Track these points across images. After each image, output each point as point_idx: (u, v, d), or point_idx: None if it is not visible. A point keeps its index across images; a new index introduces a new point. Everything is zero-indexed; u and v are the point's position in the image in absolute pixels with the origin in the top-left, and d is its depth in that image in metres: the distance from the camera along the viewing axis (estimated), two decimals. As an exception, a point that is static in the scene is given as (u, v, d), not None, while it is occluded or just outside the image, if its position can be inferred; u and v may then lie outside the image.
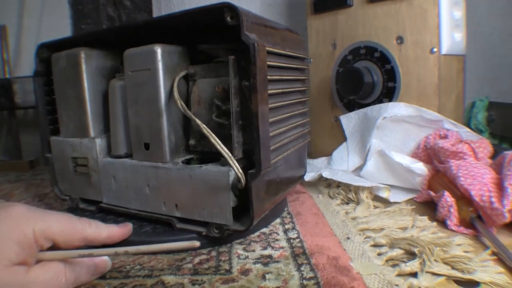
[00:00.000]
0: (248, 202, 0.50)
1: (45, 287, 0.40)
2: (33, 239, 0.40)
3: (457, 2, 0.82)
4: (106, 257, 0.47)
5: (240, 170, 0.49)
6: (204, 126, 0.51)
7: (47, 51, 0.68)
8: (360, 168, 0.79)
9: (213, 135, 0.50)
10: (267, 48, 0.51)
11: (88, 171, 0.65)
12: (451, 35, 0.80)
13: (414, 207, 0.65)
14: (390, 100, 0.82)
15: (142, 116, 0.58)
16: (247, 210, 0.51)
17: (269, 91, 0.52)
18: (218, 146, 0.50)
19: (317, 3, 0.93)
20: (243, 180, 0.49)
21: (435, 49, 0.76)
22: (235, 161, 0.49)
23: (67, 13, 1.46)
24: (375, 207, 0.66)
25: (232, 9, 0.48)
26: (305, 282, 0.43)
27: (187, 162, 0.58)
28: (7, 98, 1.20)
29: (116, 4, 1.42)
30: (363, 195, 0.68)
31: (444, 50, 0.78)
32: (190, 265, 0.49)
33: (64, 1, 1.45)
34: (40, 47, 0.68)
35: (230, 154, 0.50)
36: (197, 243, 0.41)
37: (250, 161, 0.52)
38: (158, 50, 0.55)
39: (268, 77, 0.51)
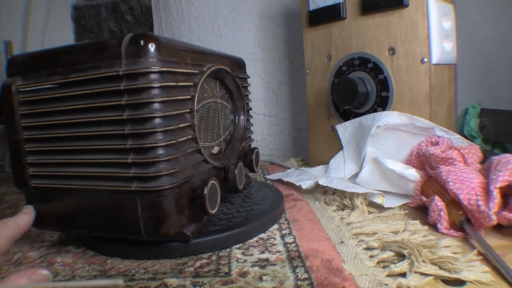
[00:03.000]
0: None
1: None
2: None
3: (446, 13, 0.85)
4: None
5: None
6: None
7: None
8: (356, 175, 0.82)
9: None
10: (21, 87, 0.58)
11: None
12: (441, 45, 0.82)
13: (407, 212, 0.68)
14: (384, 109, 0.85)
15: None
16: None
17: (29, 123, 0.58)
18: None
19: (312, 16, 0.96)
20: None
21: (425, 59, 0.79)
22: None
23: (70, 27, 1.50)
24: (370, 212, 0.69)
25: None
26: (299, 282, 0.45)
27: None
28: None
29: (118, 19, 1.45)
30: (358, 201, 0.70)
31: (434, 60, 0.80)
32: (191, 269, 0.51)
33: (67, 16, 1.49)
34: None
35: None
36: (120, 282, 0.42)
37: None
38: None
39: (25, 112, 0.58)
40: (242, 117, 0.77)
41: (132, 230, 0.54)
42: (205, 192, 0.55)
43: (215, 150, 0.70)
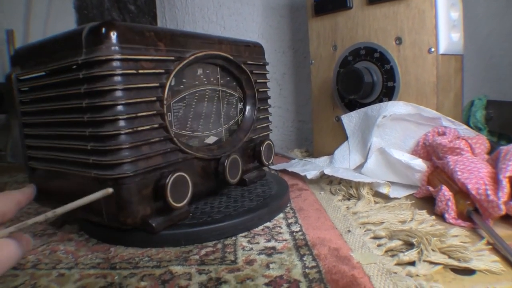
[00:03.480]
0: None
1: (3, 263, 0.40)
2: None
3: (454, 3, 0.84)
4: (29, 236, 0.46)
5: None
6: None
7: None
8: (361, 166, 0.82)
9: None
10: (19, 76, 0.62)
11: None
12: (449, 35, 0.82)
13: (413, 202, 0.68)
14: (390, 99, 0.85)
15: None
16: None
17: (24, 109, 0.63)
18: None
19: (318, 5, 0.95)
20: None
21: (432, 49, 0.79)
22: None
23: (72, 17, 1.49)
24: (376, 202, 0.68)
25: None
26: (307, 270, 0.45)
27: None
28: (15, 101, 1.23)
29: (121, 8, 1.44)
30: (364, 191, 0.70)
31: (441, 50, 0.80)
32: (196, 257, 0.51)
33: (69, 5, 1.48)
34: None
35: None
36: (110, 190, 0.44)
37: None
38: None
39: (21, 98, 0.63)
40: (250, 106, 0.75)
41: (97, 215, 0.54)
42: (166, 182, 0.54)
43: (211, 140, 0.68)
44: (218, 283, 0.44)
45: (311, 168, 0.87)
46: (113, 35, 0.50)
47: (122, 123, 0.50)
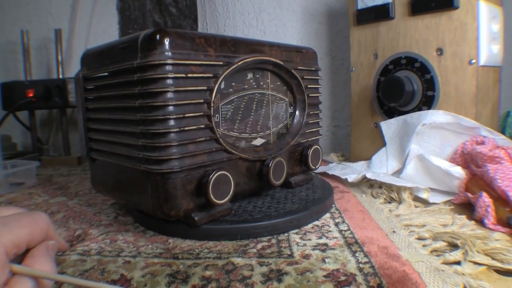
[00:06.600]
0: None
1: None
2: (4, 254, 0.38)
3: (495, 16, 0.86)
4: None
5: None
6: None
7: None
8: (398, 172, 0.84)
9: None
10: (85, 76, 0.69)
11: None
12: (489, 48, 0.84)
13: (452, 207, 0.70)
14: (429, 108, 0.87)
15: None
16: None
17: (88, 106, 0.70)
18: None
19: (360, 15, 0.99)
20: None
21: (473, 61, 0.81)
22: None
23: (115, 19, 1.54)
24: (416, 206, 0.71)
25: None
26: (361, 265, 0.48)
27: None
28: (61, 97, 1.28)
29: (162, 10, 1.49)
30: (405, 195, 0.73)
31: (481, 62, 0.82)
32: (254, 250, 0.55)
33: (112, 7, 1.53)
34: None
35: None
36: None
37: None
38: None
39: (86, 96, 0.70)
40: (300, 111, 0.78)
41: (147, 205, 0.59)
42: (208, 180, 0.57)
43: (259, 142, 0.71)
44: (280, 274, 0.47)
45: (350, 171, 0.90)
46: (166, 42, 0.54)
47: (171, 123, 0.55)
